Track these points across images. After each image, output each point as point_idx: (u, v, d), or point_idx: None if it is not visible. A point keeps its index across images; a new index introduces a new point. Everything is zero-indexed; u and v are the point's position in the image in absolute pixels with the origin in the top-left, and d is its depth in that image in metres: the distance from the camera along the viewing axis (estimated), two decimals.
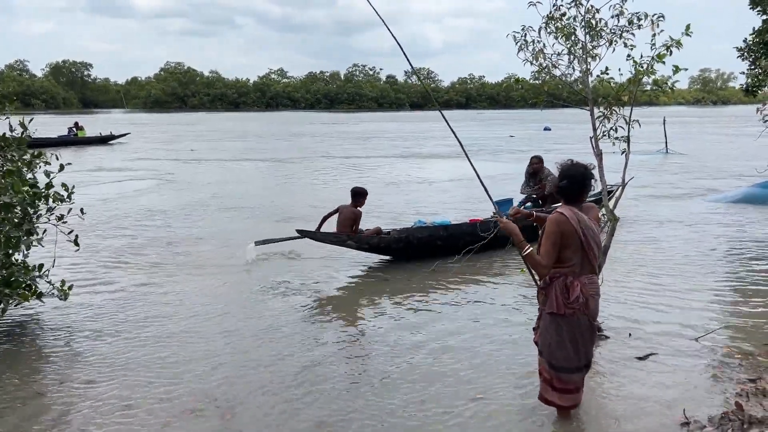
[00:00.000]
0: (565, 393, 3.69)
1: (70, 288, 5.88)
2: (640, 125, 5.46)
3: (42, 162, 5.87)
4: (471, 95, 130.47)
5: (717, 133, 37.60)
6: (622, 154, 5.59)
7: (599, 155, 5.40)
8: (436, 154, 25.61)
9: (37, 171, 5.83)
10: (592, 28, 5.50)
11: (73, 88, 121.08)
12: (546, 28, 5.63)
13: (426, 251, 7.86)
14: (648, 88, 5.50)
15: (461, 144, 4.54)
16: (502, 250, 7.90)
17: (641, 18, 5.30)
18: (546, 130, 42.14)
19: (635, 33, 5.36)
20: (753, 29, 15.34)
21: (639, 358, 4.76)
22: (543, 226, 3.69)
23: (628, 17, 5.36)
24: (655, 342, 5.06)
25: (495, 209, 4.31)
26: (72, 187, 5.77)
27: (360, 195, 7.77)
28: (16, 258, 5.61)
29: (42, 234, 5.73)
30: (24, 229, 5.49)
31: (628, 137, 5.50)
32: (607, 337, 5.14)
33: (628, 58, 5.35)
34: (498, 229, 3.95)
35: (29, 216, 5.59)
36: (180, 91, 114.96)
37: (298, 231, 7.72)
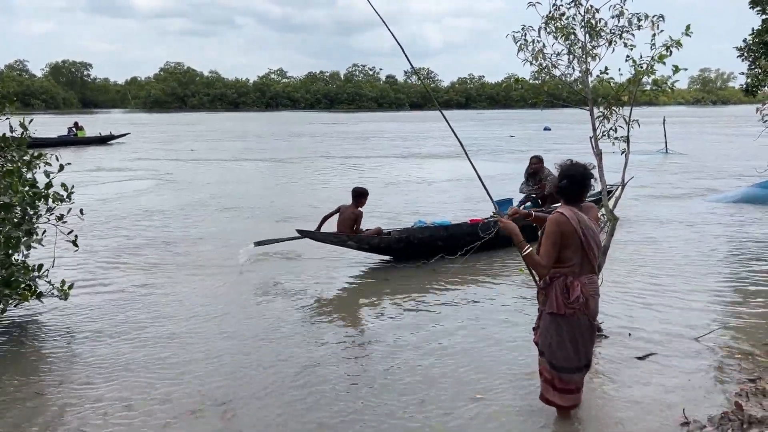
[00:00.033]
0: (566, 393, 3.69)
1: (70, 287, 5.88)
2: (639, 125, 5.46)
3: (42, 162, 5.87)
4: (471, 95, 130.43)
5: (717, 133, 37.61)
6: (621, 154, 5.60)
7: (599, 155, 5.40)
8: (435, 154, 25.61)
9: (37, 171, 5.84)
10: (591, 27, 5.51)
11: (73, 88, 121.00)
12: (546, 28, 5.63)
13: (426, 252, 7.87)
14: (648, 88, 5.50)
15: (461, 144, 4.55)
16: (502, 250, 7.95)
17: (641, 19, 5.30)
18: (546, 130, 42.12)
19: (635, 33, 5.37)
20: (752, 30, 15.36)
21: (639, 357, 4.76)
22: (543, 226, 3.69)
23: (628, 17, 5.36)
24: (655, 342, 5.07)
25: (495, 209, 4.32)
26: (72, 187, 5.78)
27: (361, 195, 7.77)
28: (15, 258, 5.61)
29: (41, 234, 5.73)
30: (23, 230, 5.49)
31: (627, 137, 5.51)
32: (607, 337, 5.15)
33: (627, 58, 5.35)
34: (498, 229, 3.96)
35: (28, 216, 5.60)
36: (180, 91, 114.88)
37: (298, 231, 7.72)
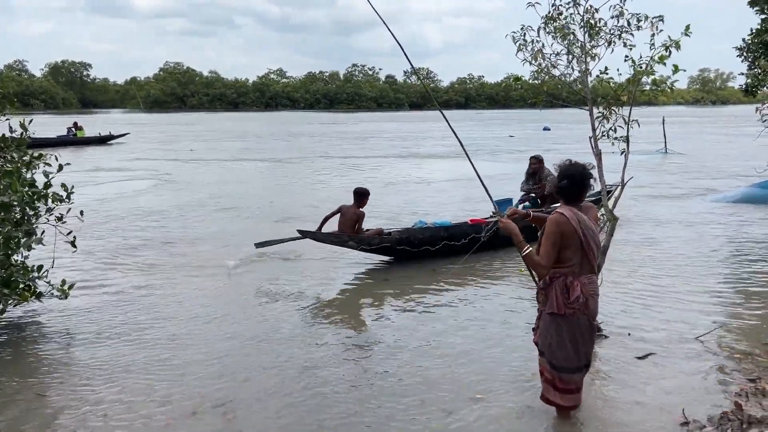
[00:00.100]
0: (567, 393, 3.70)
1: (71, 287, 5.88)
2: (639, 125, 5.47)
3: (42, 162, 5.86)
4: (470, 95, 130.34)
5: (716, 133, 37.62)
6: (621, 154, 5.60)
7: (598, 155, 5.40)
8: (434, 154, 25.61)
9: (37, 171, 5.83)
10: (591, 27, 5.51)
11: (72, 88, 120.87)
12: (545, 28, 5.63)
13: (427, 252, 7.88)
14: (647, 88, 5.50)
15: (461, 144, 4.55)
16: (502, 250, 7.95)
17: (640, 19, 5.30)
18: (545, 130, 42.12)
19: (634, 33, 5.37)
20: (751, 30, 15.34)
21: (638, 357, 4.76)
22: (542, 226, 3.69)
23: (627, 17, 5.36)
24: (655, 342, 5.07)
25: (495, 209, 4.32)
26: (71, 188, 5.78)
27: (363, 195, 7.77)
28: (15, 259, 5.61)
29: (41, 234, 5.73)
30: (23, 230, 5.48)
31: (627, 137, 5.51)
32: (607, 337, 5.15)
33: (626, 59, 5.35)
34: (498, 229, 3.96)
35: (28, 216, 5.59)
36: (179, 91, 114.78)
37: (299, 231, 7.72)
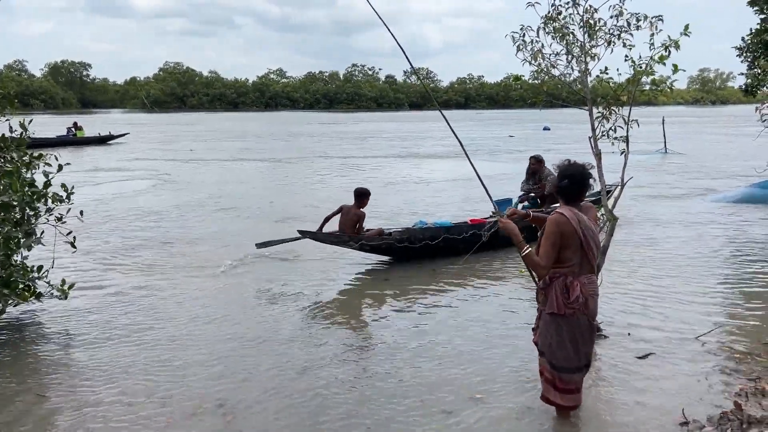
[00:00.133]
0: (567, 393, 3.70)
1: (71, 287, 5.88)
2: (638, 125, 5.47)
3: (42, 163, 5.86)
4: (470, 95, 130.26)
5: (716, 133, 37.62)
6: (621, 154, 5.59)
7: (598, 155, 5.40)
8: (434, 154, 25.61)
9: (36, 171, 5.83)
10: (590, 27, 5.51)
11: (72, 88, 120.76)
12: (544, 28, 5.63)
13: (427, 252, 7.88)
14: (647, 88, 5.50)
15: (461, 143, 4.55)
16: (502, 250, 7.95)
17: (640, 19, 5.30)
18: (545, 129, 42.13)
19: (633, 33, 5.37)
20: (751, 30, 15.32)
21: (638, 357, 4.77)
22: (542, 226, 3.69)
23: (627, 17, 5.36)
24: (655, 342, 5.07)
25: (494, 209, 4.32)
26: (72, 188, 5.77)
27: (363, 195, 7.77)
28: (14, 259, 5.61)
29: (40, 235, 5.73)
30: (23, 230, 5.48)
31: (626, 137, 5.51)
32: (607, 337, 5.15)
33: (626, 59, 5.35)
34: (497, 229, 3.96)
35: (27, 216, 5.59)
36: (179, 91, 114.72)
37: (299, 231, 7.72)
